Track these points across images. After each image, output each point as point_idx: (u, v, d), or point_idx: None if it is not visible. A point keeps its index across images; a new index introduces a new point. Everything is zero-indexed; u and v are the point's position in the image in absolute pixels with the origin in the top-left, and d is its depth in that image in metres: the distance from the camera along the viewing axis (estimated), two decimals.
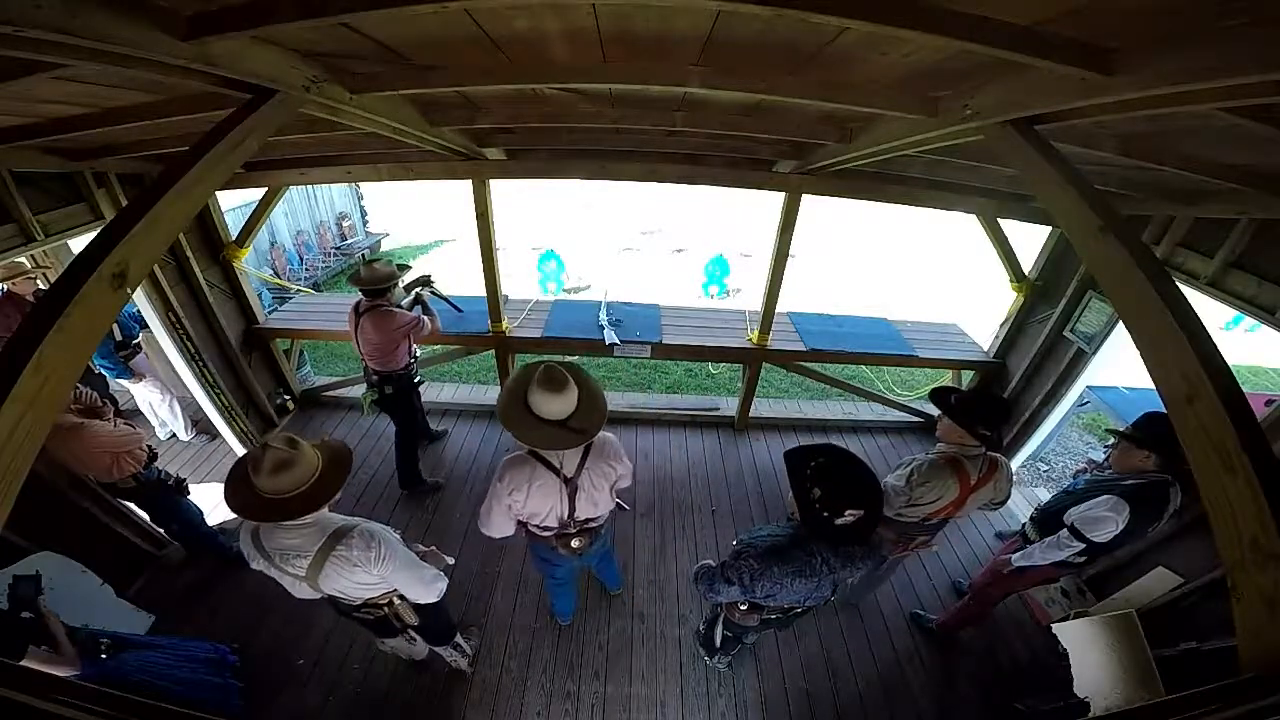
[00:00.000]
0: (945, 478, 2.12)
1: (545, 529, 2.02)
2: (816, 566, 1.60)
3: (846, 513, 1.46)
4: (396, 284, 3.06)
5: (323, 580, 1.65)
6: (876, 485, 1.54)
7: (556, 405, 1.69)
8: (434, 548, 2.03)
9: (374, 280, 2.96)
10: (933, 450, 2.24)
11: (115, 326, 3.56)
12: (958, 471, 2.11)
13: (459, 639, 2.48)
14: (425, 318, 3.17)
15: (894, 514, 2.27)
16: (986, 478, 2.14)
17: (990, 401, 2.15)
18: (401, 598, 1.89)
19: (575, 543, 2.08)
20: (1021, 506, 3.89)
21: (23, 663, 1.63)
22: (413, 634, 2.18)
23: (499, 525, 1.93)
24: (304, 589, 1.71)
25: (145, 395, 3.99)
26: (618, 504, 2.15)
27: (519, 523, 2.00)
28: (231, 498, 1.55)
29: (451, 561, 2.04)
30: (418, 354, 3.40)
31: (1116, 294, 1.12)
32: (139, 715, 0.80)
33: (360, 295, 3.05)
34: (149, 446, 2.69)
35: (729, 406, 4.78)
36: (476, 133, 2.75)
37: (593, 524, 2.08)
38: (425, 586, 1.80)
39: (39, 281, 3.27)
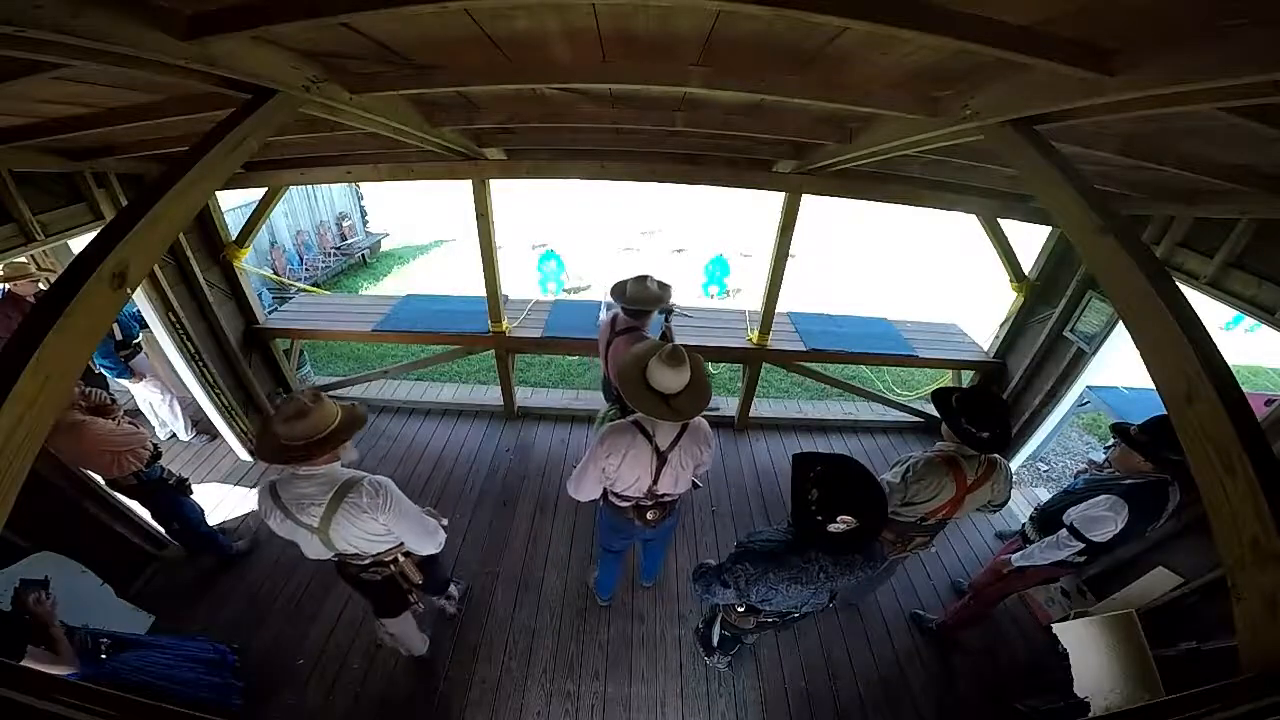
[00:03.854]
0: (940, 476, 2.11)
1: (626, 499, 2.16)
2: (814, 574, 1.58)
3: (840, 519, 1.44)
4: (655, 310, 2.78)
5: (334, 531, 1.75)
6: (880, 500, 1.51)
7: (670, 379, 1.80)
8: (431, 508, 2.14)
9: (643, 300, 2.69)
10: (931, 448, 2.23)
11: (115, 326, 3.56)
12: (953, 470, 2.10)
13: (451, 588, 2.77)
14: None
15: (890, 512, 2.24)
16: (984, 478, 2.13)
17: (980, 399, 2.11)
18: (406, 554, 2.03)
19: (650, 515, 2.22)
20: (1021, 506, 3.89)
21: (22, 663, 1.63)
22: (418, 604, 2.31)
23: (588, 489, 2.08)
24: (316, 545, 1.81)
25: (145, 395, 3.99)
26: (694, 482, 2.27)
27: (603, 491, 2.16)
28: (258, 441, 1.77)
29: (446, 522, 2.15)
30: None
31: (1116, 294, 1.12)
32: (139, 715, 0.80)
33: (618, 308, 2.82)
34: (153, 445, 2.70)
35: (729, 406, 4.78)
36: (476, 133, 2.75)
37: (668, 499, 2.20)
38: (428, 536, 1.93)
39: (41, 284, 3.27)
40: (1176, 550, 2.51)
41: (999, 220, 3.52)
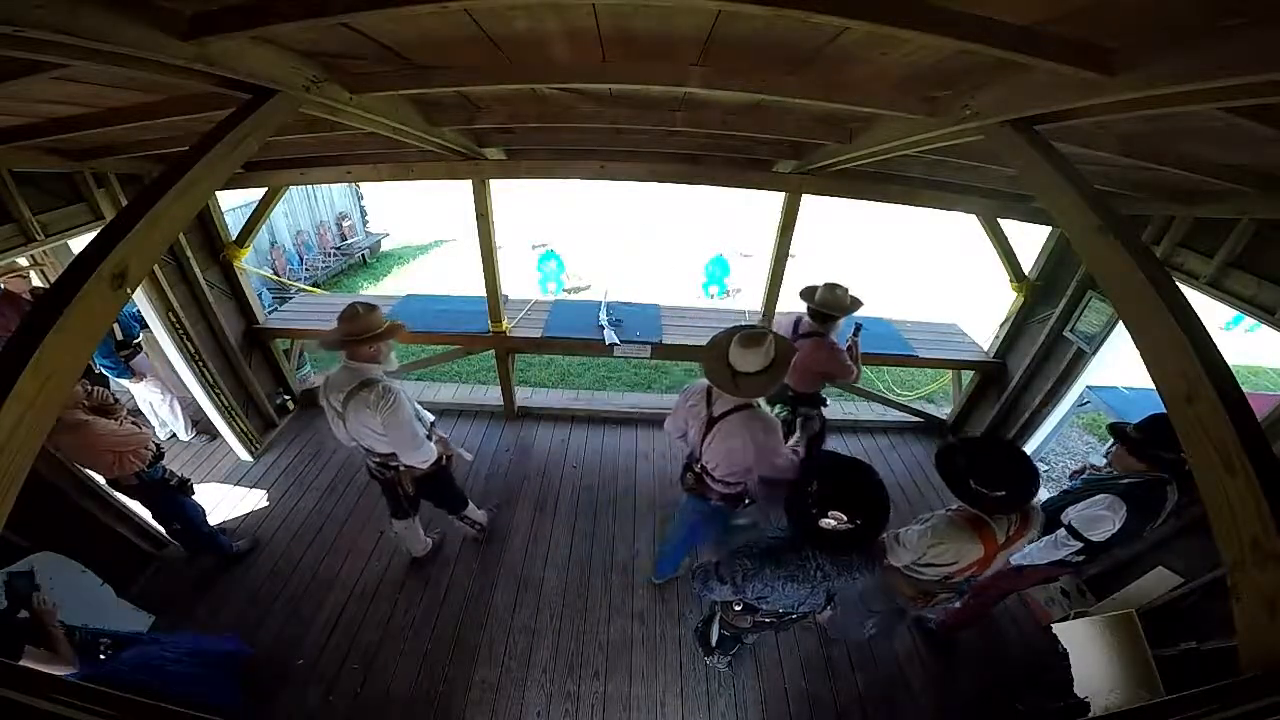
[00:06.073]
0: (964, 540, 1.83)
1: (689, 451, 2.38)
2: (810, 572, 1.59)
3: (831, 514, 1.45)
4: (842, 318, 2.96)
5: (348, 419, 2.17)
6: (881, 505, 1.49)
7: (739, 357, 1.94)
8: (446, 436, 2.59)
9: (835, 305, 2.87)
10: (954, 506, 1.92)
11: (116, 326, 3.56)
12: (980, 532, 1.81)
13: (470, 513, 3.09)
14: (856, 368, 3.03)
15: (905, 570, 2.04)
16: (1019, 533, 1.83)
17: (987, 449, 1.86)
18: (408, 467, 2.38)
19: (689, 476, 2.39)
20: None
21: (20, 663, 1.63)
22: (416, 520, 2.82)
23: (670, 421, 2.39)
24: (340, 428, 2.25)
25: (145, 395, 3.99)
26: (745, 495, 2.35)
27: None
28: (323, 336, 2.25)
29: (470, 457, 2.68)
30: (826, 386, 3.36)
31: (1116, 294, 1.12)
32: (139, 715, 0.80)
33: (804, 312, 3.00)
34: (156, 444, 2.70)
35: None
36: (476, 133, 2.75)
37: (710, 479, 2.27)
38: (413, 450, 2.24)
39: (34, 278, 3.27)
40: (1176, 550, 2.51)
41: (999, 220, 3.52)
